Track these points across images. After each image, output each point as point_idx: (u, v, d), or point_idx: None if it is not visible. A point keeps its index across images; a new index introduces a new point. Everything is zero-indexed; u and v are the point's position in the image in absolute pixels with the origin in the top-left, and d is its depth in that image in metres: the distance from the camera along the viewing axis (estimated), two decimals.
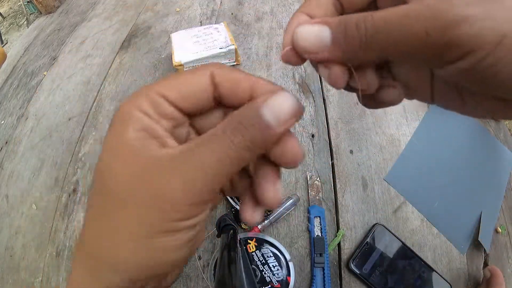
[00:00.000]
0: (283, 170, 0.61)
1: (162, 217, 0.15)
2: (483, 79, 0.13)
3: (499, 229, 0.58)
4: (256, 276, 0.48)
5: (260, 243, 0.51)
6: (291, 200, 0.55)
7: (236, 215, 0.53)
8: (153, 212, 0.15)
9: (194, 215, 0.16)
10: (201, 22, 0.94)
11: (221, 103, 0.19)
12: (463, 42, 0.12)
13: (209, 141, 0.15)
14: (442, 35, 0.13)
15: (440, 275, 0.51)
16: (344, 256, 0.53)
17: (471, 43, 0.12)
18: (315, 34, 0.16)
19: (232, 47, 0.74)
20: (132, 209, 0.15)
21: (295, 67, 0.80)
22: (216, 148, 0.15)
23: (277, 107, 0.16)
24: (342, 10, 0.19)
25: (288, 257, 0.50)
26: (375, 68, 0.20)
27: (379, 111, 0.68)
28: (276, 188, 0.18)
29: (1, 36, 1.10)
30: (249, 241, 0.51)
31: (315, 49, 0.16)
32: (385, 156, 0.63)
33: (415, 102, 0.35)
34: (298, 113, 0.16)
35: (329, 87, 0.73)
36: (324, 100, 0.71)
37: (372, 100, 0.20)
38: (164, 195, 0.15)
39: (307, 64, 0.68)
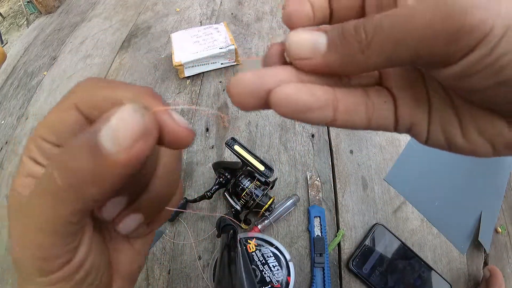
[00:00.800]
0: (283, 170, 0.61)
1: (21, 277, 0.15)
2: (492, 74, 0.12)
3: (499, 229, 0.58)
4: (256, 276, 0.48)
5: (260, 243, 0.51)
6: (291, 200, 0.55)
7: (236, 215, 0.53)
8: (17, 272, 0.15)
9: (43, 272, 0.14)
10: (201, 22, 0.94)
11: None
12: (471, 29, 0.12)
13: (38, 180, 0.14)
14: (449, 21, 0.12)
15: (440, 275, 0.51)
16: (344, 256, 0.53)
17: (479, 31, 0.12)
18: (309, 39, 0.15)
19: (232, 47, 0.74)
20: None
21: None
22: (32, 193, 0.13)
23: (115, 124, 0.12)
24: (330, 16, 0.17)
25: (288, 257, 0.50)
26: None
27: None
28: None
29: (1, 36, 1.09)
30: (249, 241, 0.51)
31: (307, 54, 0.15)
32: (385, 156, 0.63)
33: None
34: (150, 133, 0.12)
35: None
36: None
37: None
38: (12, 249, 0.14)
39: None
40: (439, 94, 0.17)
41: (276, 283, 0.48)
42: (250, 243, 0.51)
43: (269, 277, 0.48)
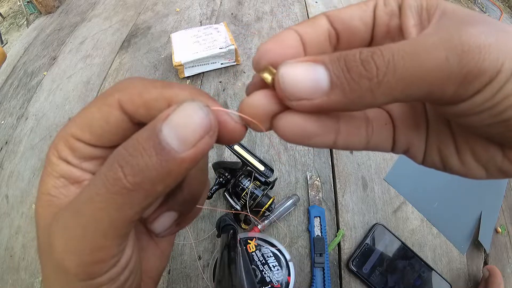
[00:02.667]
0: (283, 170, 0.61)
1: (64, 279, 0.13)
2: (496, 113, 0.12)
3: (499, 229, 0.58)
4: (256, 276, 0.48)
5: (260, 243, 0.51)
6: (291, 200, 0.55)
7: (236, 215, 0.53)
8: (56, 273, 0.14)
9: (93, 276, 0.13)
10: (201, 22, 0.94)
11: None
12: (485, 69, 0.11)
13: (90, 183, 0.13)
14: (463, 62, 0.11)
15: (440, 275, 0.51)
16: (344, 256, 0.53)
17: (490, 72, 0.11)
18: (306, 75, 0.13)
19: (232, 47, 0.74)
20: (47, 267, 0.14)
21: None
22: (89, 193, 0.13)
23: (180, 122, 0.12)
24: (337, 43, 0.16)
25: (288, 257, 0.50)
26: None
27: None
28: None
29: (1, 36, 1.09)
30: (249, 241, 0.51)
31: (307, 95, 0.13)
32: (385, 156, 0.63)
33: None
34: (213, 131, 0.13)
35: None
36: None
37: None
38: (53, 252, 0.13)
39: None
40: (437, 119, 0.17)
41: (276, 283, 0.48)
42: (250, 243, 0.51)
43: (269, 277, 0.48)
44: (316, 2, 1.04)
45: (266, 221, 0.53)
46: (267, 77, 0.14)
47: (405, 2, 0.15)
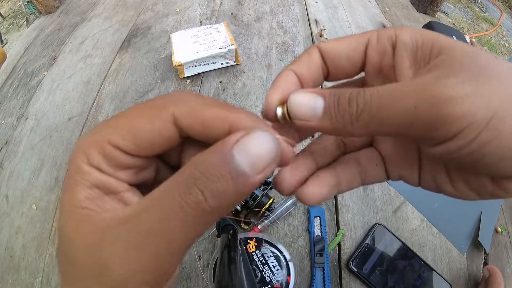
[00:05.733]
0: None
1: None
2: (472, 161, 0.13)
3: (499, 229, 0.58)
4: (256, 276, 0.48)
5: (260, 243, 0.51)
6: (291, 200, 0.55)
7: (236, 215, 0.53)
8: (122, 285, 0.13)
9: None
10: (201, 22, 0.94)
11: None
12: (451, 120, 0.12)
13: (157, 202, 0.13)
14: (431, 111, 0.12)
15: (440, 275, 0.51)
16: (344, 256, 0.53)
17: (459, 123, 0.12)
18: (308, 102, 0.15)
19: (232, 47, 0.74)
20: (84, 285, 0.13)
21: None
22: (164, 213, 0.12)
23: (252, 149, 0.13)
24: (327, 75, 0.18)
25: (288, 257, 0.50)
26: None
27: None
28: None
29: (1, 36, 1.09)
30: (249, 241, 0.51)
31: (306, 117, 0.15)
32: None
33: None
34: (278, 158, 0.14)
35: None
36: None
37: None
38: (108, 274, 0.13)
39: None
40: None
41: (276, 283, 0.48)
42: (250, 243, 0.51)
43: (269, 277, 0.48)
44: (316, 2, 1.04)
45: (266, 221, 0.53)
46: (279, 111, 0.17)
47: (399, 40, 0.16)
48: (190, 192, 0.12)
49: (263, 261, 0.49)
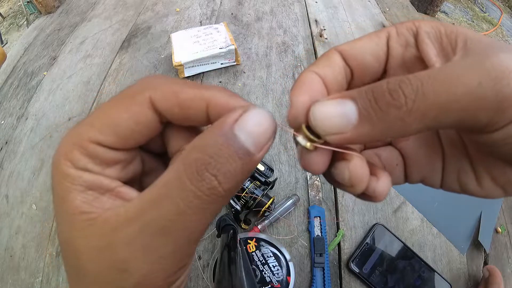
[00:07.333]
0: (283, 170, 0.61)
1: None
2: None
3: (499, 229, 0.58)
4: (256, 276, 0.48)
5: (260, 243, 0.51)
6: (291, 200, 0.55)
7: (236, 215, 0.53)
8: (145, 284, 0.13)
9: (175, 281, 0.13)
10: (201, 22, 0.94)
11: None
12: None
13: (166, 194, 0.12)
14: (497, 87, 0.11)
15: (440, 275, 0.51)
16: (344, 256, 0.53)
17: None
18: (335, 110, 0.13)
19: (232, 47, 0.74)
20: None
21: (295, 67, 0.80)
22: (178, 206, 0.12)
23: (253, 127, 0.12)
24: (351, 78, 0.16)
25: (288, 257, 0.50)
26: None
27: None
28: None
29: (1, 36, 1.09)
30: (249, 241, 0.51)
31: (339, 128, 0.13)
32: None
33: None
34: (275, 133, 0.13)
35: None
36: None
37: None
38: (127, 276, 0.12)
39: (307, 63, 0.68)
40: (453, 146, 0.16)
41: (276, 283, 0.48)
42: (250, 243, 0.51)
43: (269, 277, 0.48)
44: (316, 2, 1.04)
45: (266, 221, 0.53)
46: (300, 138, 0.14)
47: (421, 30, 0.15)
48: (203, 178, 0.12)
49: (263, 261, 0.49)
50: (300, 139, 0.14)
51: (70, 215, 0.13)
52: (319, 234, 0.53)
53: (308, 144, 0.14)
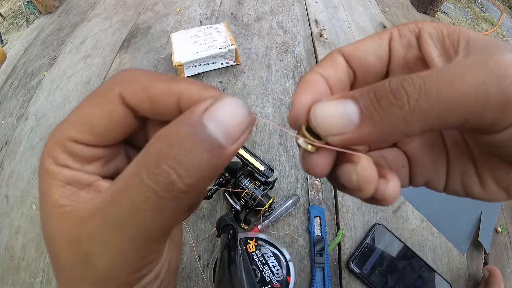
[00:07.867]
0: (283, 170, 0.61)
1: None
2: None
3: (499, 229, 0.58)
4: (256, 276, 0.48)
5: (260, 243, 0.51)
6: (291, 200, 0.55)
7: (236, 215, 0.53)
8: (99, 286, 0.13)
9: (142, 277, 0.13)
10: (201, 22, 0.94)
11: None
12: None
13: (123, 189, 0.12)
14: (502, 86, 0.11)
15: (440, 275, 0.51)
16: (344, 256, 0.53)
17: None
18: (337, 110, 0.13)
19: (232, 47, 0.74)
20: (80, 284, 0.13)
21: (295, 67, 0.80)
22: (133, 203, 0.11)
23: (225, 117, 0.12)
24: (353, 80, 0.16)
25: (288, 257, 0.50)
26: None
27: None
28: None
29: (1, 36, 1.09)
30: (249, 241, 0.51)
31: (340, 129, 0.13)
32: None
33: None
34: (251, 126, 0.13)
35: None
36: None
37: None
38: (91, 268, 0.12)
39: (307, 63, 0.68)
40: (458, 149, 0.16)
41: (276, 283, 0.48)
42: (250, 243, 0.51)
43: (269, 277, 0.48)
44: (316, 2, 1.04)
45: (266, 221, 0.53)
46: (301, 140, 0.14)
47: (423, 31, 0.15)
48: (160, 171, 0.11)
49: (263, 261, 0.49)
50: (301, 141, 0.14)
51: (50, 209, 0.13)
52: (319, 234, 0.53)
53: (309, 146, 0.13)
